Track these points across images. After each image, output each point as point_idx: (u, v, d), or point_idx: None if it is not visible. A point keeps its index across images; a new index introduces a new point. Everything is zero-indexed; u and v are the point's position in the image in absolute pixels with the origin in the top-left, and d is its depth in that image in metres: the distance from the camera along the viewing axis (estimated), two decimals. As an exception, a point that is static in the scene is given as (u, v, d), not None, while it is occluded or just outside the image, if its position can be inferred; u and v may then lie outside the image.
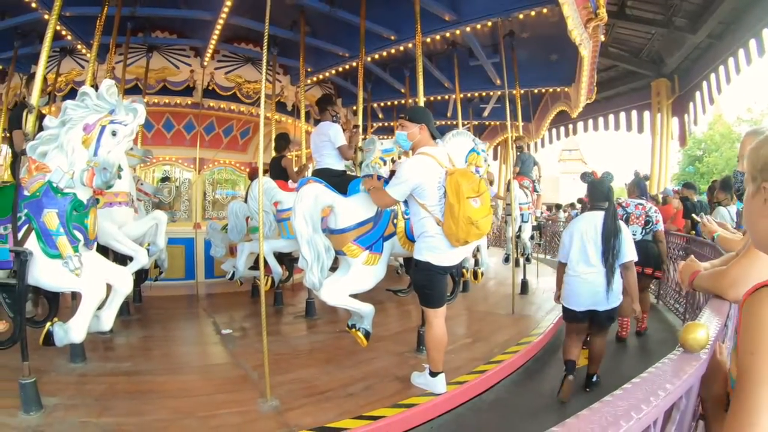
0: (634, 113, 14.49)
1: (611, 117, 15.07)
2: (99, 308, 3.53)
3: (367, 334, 4.09)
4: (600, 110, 14.87)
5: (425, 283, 3.67)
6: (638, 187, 6.14)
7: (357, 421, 3.26)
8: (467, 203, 3.36)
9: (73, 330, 3.33)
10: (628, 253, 4.05)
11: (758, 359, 0.96)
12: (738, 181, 2.99)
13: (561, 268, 4.34)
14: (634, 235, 5.22)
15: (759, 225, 1.12)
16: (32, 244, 3.21)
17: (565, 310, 4.27)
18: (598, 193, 4.23)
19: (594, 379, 4.29)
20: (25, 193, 3.25)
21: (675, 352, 1.22)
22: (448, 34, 7.48)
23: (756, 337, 0.98)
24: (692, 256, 2.42)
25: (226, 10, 6.26)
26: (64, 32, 6.94)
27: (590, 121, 15.56)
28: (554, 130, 16.19)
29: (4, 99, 8.00)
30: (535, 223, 8.82)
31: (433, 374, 3.71)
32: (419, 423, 3.50)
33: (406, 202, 3.79)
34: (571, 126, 15.94)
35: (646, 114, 14.02)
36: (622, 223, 4.16)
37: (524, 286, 7.82)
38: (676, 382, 1.04)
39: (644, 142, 14.19)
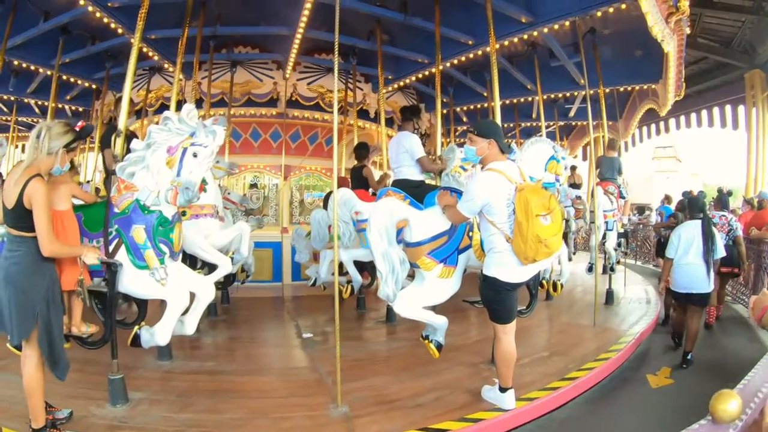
0: (728, 108, 13.27)
1: (704, 113, 13.90)
2: (183, 313, 3.80)
3: (439, 346, 4.09)
4: (692, 106, 13.75)
5: (492, 299, 3.63)
6: (721, 201, 6.99)
7: (420, 433, 3.29)
8: (536, 221, 3.25)
9: (158, 334, 3.63)
10: (721, 251, 5.20)
11: None
12: None
13: (667, 263, 5.38)
14: None
15: None
16: (122, 256, 3.51)
17: (672, 291, 5.42)
18: (694, 206, 5.37)
19: (689, 357, 5.06)
20: (116, 210, 3.56)
21: (702, 422, 1.12)
22: (525, 36, 7.29)
23: None
24: (765, 289, 2.23)
25: (302, 24, 6.46)
26: (150, 53, 7.43)
27: (682, 118, 14.43)
28: (645, 129, 15.29)
29: (100, 114, 8.77)
30: (621, 230, 8.32)
31: (502, 389, 3.67)
32: (484, 438, 3.47)
33: None
34: (662, 123, 14.85)
35: (741, 108, 12.77)
36: (714, 229, 5.25)
37: (609, 296, 7.46)
38: None
39: (742, 137, 12.91)
